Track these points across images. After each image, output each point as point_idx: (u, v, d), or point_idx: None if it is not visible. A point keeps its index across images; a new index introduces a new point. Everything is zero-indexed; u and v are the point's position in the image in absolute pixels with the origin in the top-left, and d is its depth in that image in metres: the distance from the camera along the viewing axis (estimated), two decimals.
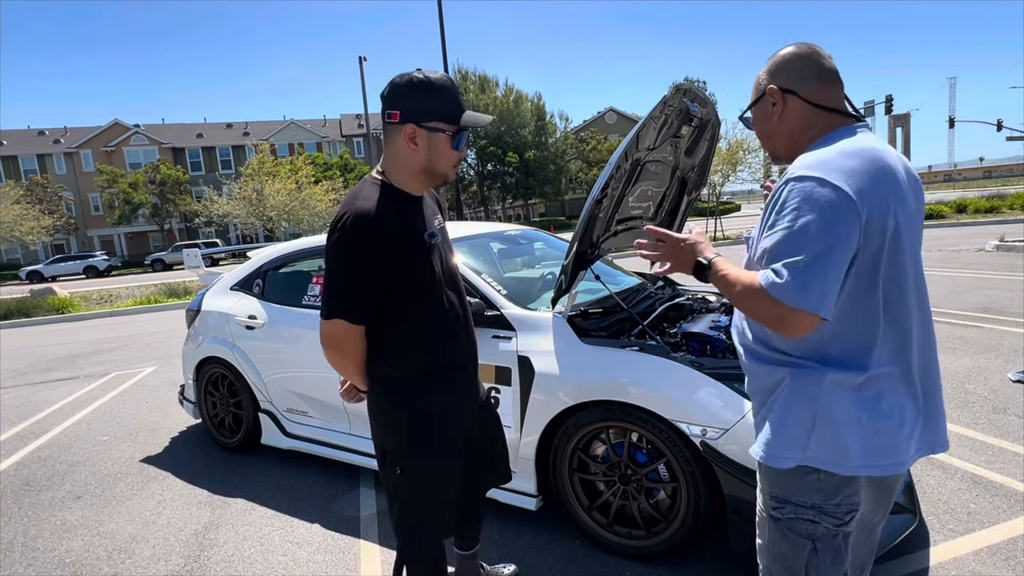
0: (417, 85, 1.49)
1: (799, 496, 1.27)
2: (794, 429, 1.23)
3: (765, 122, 1.35)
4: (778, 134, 1.34)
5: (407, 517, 1.67)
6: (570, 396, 2.35)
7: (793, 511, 1.28)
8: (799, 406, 1.22)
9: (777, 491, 1.30)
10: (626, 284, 3.38)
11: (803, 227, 1.11)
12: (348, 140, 50.18)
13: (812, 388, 1.21)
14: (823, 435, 1.20)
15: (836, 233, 1.10)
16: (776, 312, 1.12)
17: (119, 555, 2.70)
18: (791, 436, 1.23)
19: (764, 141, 1.39)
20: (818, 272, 1.09)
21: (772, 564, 1.36)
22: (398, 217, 1.52)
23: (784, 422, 1.24)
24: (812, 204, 1.11)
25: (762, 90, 1.34)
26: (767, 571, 1.38)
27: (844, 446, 1.20)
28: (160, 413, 4.87)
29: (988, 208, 19.57)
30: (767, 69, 1.34)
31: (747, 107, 1.40)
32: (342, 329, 1.52)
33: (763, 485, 1.35)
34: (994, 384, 3.97)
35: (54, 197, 36.23)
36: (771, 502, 1.32)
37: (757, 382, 1.33)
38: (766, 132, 1.36)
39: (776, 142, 1.36)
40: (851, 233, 1.11)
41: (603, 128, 49.23)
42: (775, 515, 1.31)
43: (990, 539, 2.31)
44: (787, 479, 1.27)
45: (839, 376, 1.19)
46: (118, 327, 10.56)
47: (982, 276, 8.25)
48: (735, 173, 19.80)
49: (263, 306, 3.57)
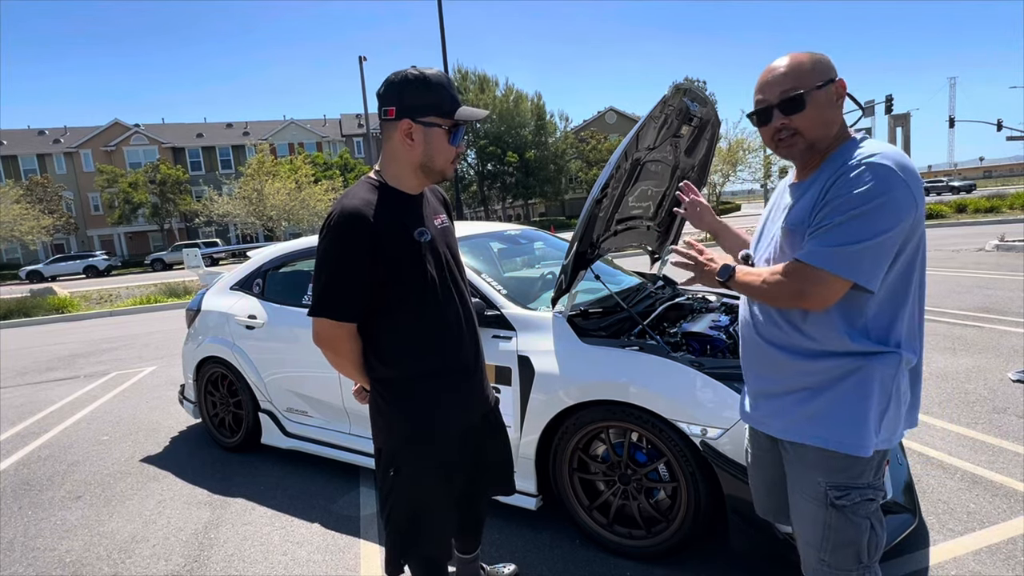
0: (412, 81, 1.50)
1: (859, 479, 1.33)
2: (874, 414, 1.30)
3: (828, 108, 1.32)
4: (836, 123, 1.34)
5: (399, 519, 1.66)
6: (570, 396, 2.35)
7: (859, 495, 1.33)
8: (879, 390, 1.29)
9: (839, 478, 1.34)
10: (626, 284, 3.38)
11: (868, 210, 1.19)
12: (348, 140, 50.18)
13: (892, 371, 1.29)
14: (893, 416, 1.31)
15: (896, 221, 1.20)
16: (803, 284, 1.24)
17: (119, 555, 2.70)
18: (871, 422, 1.30)
19: (822, 128, 1.33)
20: (869, 248, 1.20)
21: (834, 554, 1.36)
22: (388, 215, 1.51)
23: (863, 408, 1.29)
24: (883, 190, 1.19)
25: (831, 76, 1.32)
26: (824, 564, 1.38)
27: (900, 421, 1.33)
28: (160, 413, 4.87)
29: (988, 208, 19.57)
30: (815, 63, 1.32)
31: (821, 84, 1.31)
32: (329, 327, 1.53)
33: (819, 476, 1.36)
34: (994, 384, 3.97)
35: (54, 197, 36.26)
36: (832, 492, 1.34)
37: (805, 378, 1.35)
38: (826, 120, 1.32)
39: (830, 131, 1.33)
40: (905, 222, 1.21)
41: (603, 128, 49.24)
42: (840, 503, 1.34)
43: (990, 539, 2.31)
44: (850, 464, 1.32)
45: (908, 358, 1.31)
46: (118, 327, 10.56)
47: (982, 276, 8.25)
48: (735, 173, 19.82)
49: (263, 306, 3.57)
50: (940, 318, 5.92)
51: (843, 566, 1.36)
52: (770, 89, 1.34)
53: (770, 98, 1.34)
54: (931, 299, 6.81)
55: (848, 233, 1.20)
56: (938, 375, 4.23)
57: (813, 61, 1.33)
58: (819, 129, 1.32)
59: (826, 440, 1.32)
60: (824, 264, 1.22)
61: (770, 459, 1.55)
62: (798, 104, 1.31)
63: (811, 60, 1.33)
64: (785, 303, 1.33)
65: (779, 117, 1.34)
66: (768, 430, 1.46)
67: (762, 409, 1.47)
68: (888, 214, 1.19)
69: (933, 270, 8.96)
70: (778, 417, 1.42)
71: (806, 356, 1.34)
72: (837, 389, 1.30)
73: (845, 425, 1.30)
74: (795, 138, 1.34)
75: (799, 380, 1.36)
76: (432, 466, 1.64)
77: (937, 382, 4.08)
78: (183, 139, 47.49)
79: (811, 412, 1.34)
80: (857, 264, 1.21)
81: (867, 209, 1.19)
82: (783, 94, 1.32)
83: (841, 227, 1.21)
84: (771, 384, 1.43)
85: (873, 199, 1.19)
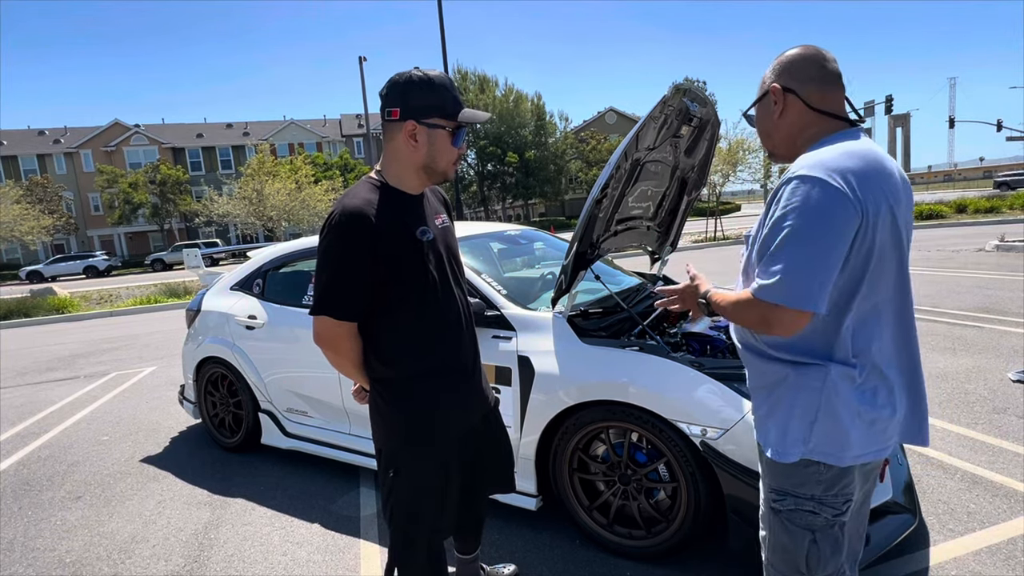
0: (416, 82, 1.50)
1: (800, 488, 1.30)
2: (798, 423, 1.27)
3: (766, 120, 1.38)
4: (778, 132, 1.37)
5: (400, 519, 1.66)
6: (570, 396, 2.35)
7: (794, 503, 1.31)
8: (803, 401, 1.25)
9: (778, 484, 1.33)
10: (626, 284, 3.38)
11: (799, 227, 1.14)
12: (348, 140, 50.19)
13: (816, 383, 1.24)
14: (825, 428, 1.25)
15: (832, 232, 1.14)
16: (765, 314, 1.18)
17: (119, 555, 2.70)
18: (795, 430, 1.27)
19: (764, 139, 1.42)
20: (813, 270, 1.14)
21: (773, 556, 1.38)
22: (389, 215, 1.52)
23: (788, 416, 1.28)
24: (809, 203, 1.14)
25: (766, 88, 1.37)
26: (769, 563, 1.40)
27: (846, 438, 1.24)
28: (160, 413, 4.87)
29: (988, 208, 19.57)
30: (772, 68, 1.37)
31: (751, 104, 1.42)
32: (330, 326, 1.53)
33: (765, 479, 1.38)
34: (994, 384, 3.97)
35: (54, 197, 36.26)
36: (772, 495, 1.35)
37: (759, 379, 1.36)
38: (766, 130, 1.39)
39: (775, 140, 1.39)
40: (846, 232, 1.15)
41: (603, 128, 49.25)
42: (776, 507, 1.35)
43: (990, 539, 2.31)
44: (789, 472, 1.31)
45: (842, 371, 1.23)
46: (118, 327, 10.56)
47: (982, 276, 8.25)
48: (735, 173, 19.80)
49: (263, 306, 3.57)
50: (940, 318, 5.92)
51: (782, 571, 1.36)
52: None
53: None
54: (931, 299, 6.82)
55: (787, 259, 1.14)
56: (938, 375, 4.23)
57: (770, 68, 1.37)
58: (770, 139, 1.40)
59: (762, 441, 1.34)
60: (769, 298, 1.17)
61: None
62: (751, 121, 1.44)
63: (770, 68, 1.37)
64: (758, 331, 1.31)
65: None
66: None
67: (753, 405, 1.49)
68: (822, 228, 1.13)
69: (933, 270, 8.97)
70: (753, 414, 1.44)
71: (757, 355, 1.36)
72: (775, 394, 1.31)
73: (775, 430, 1.30)
74: (764, 143, 1.44)
75: (756, 380, 1.38)
76: (432, 466, 1.64)
77: (937, 382, 4.08)
78: (183, 139, 47.49)
79: (762, 414, 1.36)
80: (802, 291, 1.14)
81: (798, 227, 1.14)
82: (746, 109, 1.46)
83: (780, 252, 1.16)
84: (749, 382, 1.46)
85: (804, 216, 1.14)
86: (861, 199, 1.15)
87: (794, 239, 1.14)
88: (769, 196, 1.27)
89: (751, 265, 1.29)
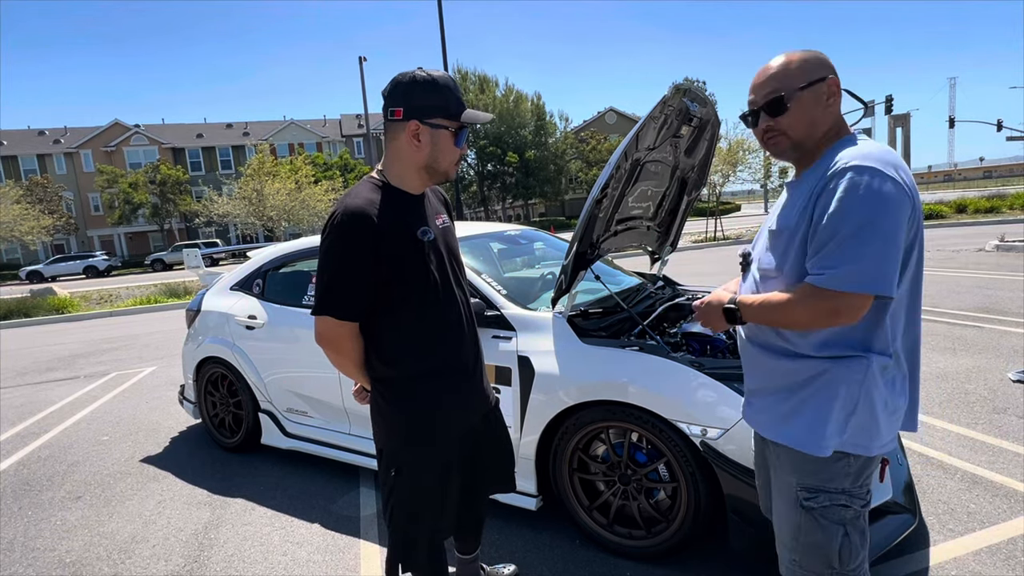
0: (420, 83, 1.50)
1: (831, 483, 1.32)
2: (836, 416, 1.28)
3: (815, 108, 1.31)
4: (824, 124, 1.32)
5: (400, 519, 1.66)
6: (570, 396, 2.35)
7: (828, 499, 1.33)
8: (843, 394, 1.27)
9: (809, 481, 1.34)
10: (626, 284, 3.38)
11: (868, 215, 1.17)
12: (348, 140, 50.18)
13: (859, 375, 1.27)
14: (861, 420, 1.28)
15: (897, 219, 1.18)
16: (835, 303, 1.19)
17: (119, 555, 2.70)
18: (832, 424, 1.29)
19: (804, 127, 1.32)
20: (887, 255, 1.18)
21: (804, 555, 1.37)
22: (391, 214, 1.52)
23: (825, 410, 1.29)
24: (873, 192, 1.17)
25: (820, 76, 1.30)
26: (796, 564, 1.39)
27: (877, 429, 1.29)
28: (160, 413, 4.87)
29: (988, 208, 19.57)
30: (813, 59, 1.31)
31: (804, 85, 1.30)
32: (332, 325, 1.53)
33: (791, 477, 1.37)
34: (994, 384, 3.97)
35: (54, 197, 36.24)
36: (802, 493, 1.35)
37: (782, 379, 1.36)
38: (813, 119, 1.31)
39: (816, 131, 1.32)
40: (904, 221, 1.20)
41: (603, 128, 49.24)
42: (808, 504, 1.34)
43: (990, 539, 2.31)
44: (820, 467, 1.32)
45: (881, 362, 1.27)
46: (118, 327, 10.56)
47: (982, 276, 8.25)
48: (735, 173, 19.80)
49: (263, 306, 3.57)
50: (940, 318, 5.92)
51: (813, 569, 1.36)
52: (758, 91, 1.36)
53: (758, 100, 1.36)
54: (931, 299, 6.81)
55: (860, 245, 1.16)
56: (938, 375, 4.23)
57: (801, 61, 1.31)
58: (803, 129, 1.32)
59: (790, 438, 1.34)
60: (844, 287, 1.17)
61: (763, 458, 1.57)
62: (780, 106, 1.32)
63: (799, 60, 1.32)
64: (815, 326, 1.27)
65: (765, 119, 1.35)
66: (757, 428, 1.48)
67: (754, 407, 1.48)
68: (889, 216, 1.17)
69: (933, 270, 8.96)
70: (763, 415, 1.43)
71: (784, 357, 1.36)
72: (806, 391, 1.31)
73: (807, 425, 1.31)
74: (780, 138, 1.35)
75: (778, 380, 1.38)
76: (433, 466, 1.64)
77: (937, 382, 4.08)
78: (183, 139, 47.49)
79: (785, 412, 1.35)
80: (879, 275, 1.17)
81: (866, 215, 1.16)
82: (767, 96, 1.33)
83: (851, 240, 1.17)
84: (759, 383, 1.45)
85: (870, 204, 1.16)
86: (911, 191, 1.21)
87: (867, 226, 1.16)
88: (816, 181, 1.26)
89: (786, 260, 1.30)
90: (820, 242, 1.22)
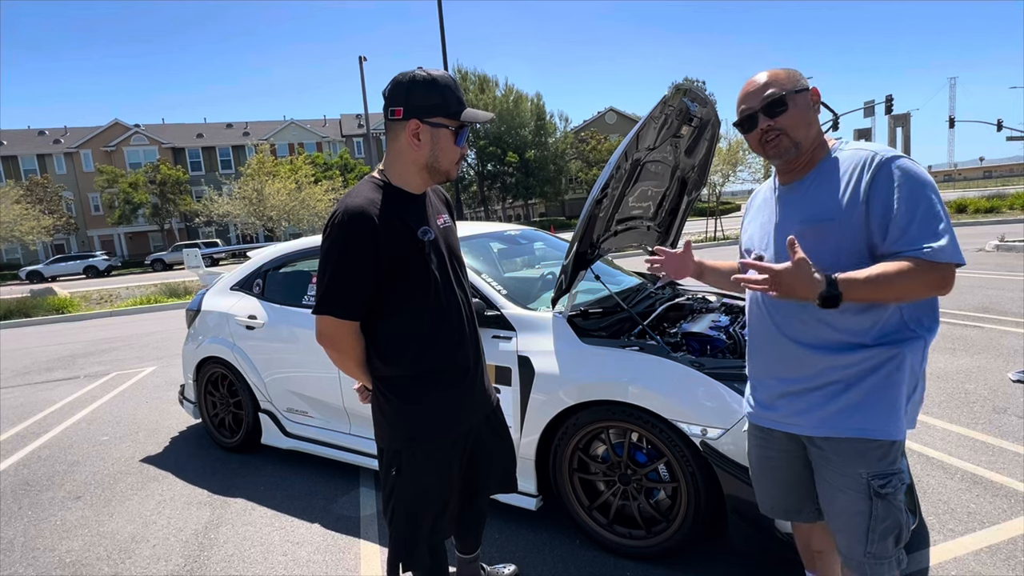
0: (420, 82, 1.50)
1: (893, 466, 1.38)
2: (903, 399, 1.36)
3: (808, 112, 1.43)
4: (815, 126, 1.45)
5: (401, 518, 1.66)
6: (570, 396, 2.35)
7: (897, 480, 1.38)
8: (908, 376, 1.36)
9: (879, 467, 1.38)
10: (626, 284, 3.38)
11: (931, 193, 1.29)
12: (348, 140, 50.18)
13: (919, 354, 1.37)
14: (917, 398, 1.39)
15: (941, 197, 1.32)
16: (945, 274, 1.26)
17: (119, 555, 2.70)
18: (902, 407, 1.36)
19: (803, 127, 1.42)
20: (952, 227, 1.29)
21: (878, 544, 1.40)
22: (392, 214, 1.52)
23: (894, 394, 1.35)
24: (919, 173, 1.30)
25: (805, 86, 1.44)
26: (871, 556, 1.41)
27: (920, 404, 1.40)
28: (160, 413, 4.87)
29: (988, 208, 19.57)
30: (793, 73, 1.45)
31: (799, 89, 1.43)
32: (333, 325, 1.53)
33: (859, 468, 1.39)
34: (994, 384, 3.97)
35: (54, 197, 36.27)
36: (876, 481, 1.38)
37: (839, 372, 1.38)
38: (808, 120, 1.43)
39: (811, 132, 1.44)
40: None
41: (603, 128, 49.24)
42: (884, 491, 1.38)
43: (990, 539, 2.31)
44: (886, 451, 1.37)
45: (932, 338, 1.38)
46: (118, 327, 10.56)
47: (982, 276, 8.25)
48: (735, 173, 19.80)
49: (263, 306, 3.57)
50: (940, 318, 5.91)
51: (884, 554, 1.40)
52: (753, 98, 1.44)
53: (753, 105, 1.44)
54: None
55: (944, 220, 1.28)
56: (938, 375, 4.23)
57: (787, 71, 1.45)
58: (802, 128, 1.42)
59: (865, 430, 1.35)
60: (952, 258, 1.26)
61: (788, 459, 1.55)
62: (781, 105, 1.41)
63: (785, 71, 1.45)
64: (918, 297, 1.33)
65: (764, 120, 1.43)
66: (793, 429, 1.46)
67: (783, 409, 1.47)
68: (939, 194, 1.31)
69: None
70: (806, 415, 1.43)
71: (836, 350, 1.38)
72: (872, 379, 1.35)
73: (883, 412, 1.35)
74: (781, 137, 1.42)
75: (828, 375, 1.39)
76: (433, 466, 1.64)
77: (937, 382, 4.08)
78: (183, 139, 47.47)
79: (844, 404, 1.37)
80: (958, 247, 1.27)
81: (930, 194, 1.28)
82: (765, 99, 1.42)
83: (934, 218, 1.27)
84: (795, 383, 1.44)
85: (927, 186, 1.29)
86: None
87: (937, 203, 1.28)
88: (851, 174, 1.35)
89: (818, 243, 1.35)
90: (903, 223, 1.28)
